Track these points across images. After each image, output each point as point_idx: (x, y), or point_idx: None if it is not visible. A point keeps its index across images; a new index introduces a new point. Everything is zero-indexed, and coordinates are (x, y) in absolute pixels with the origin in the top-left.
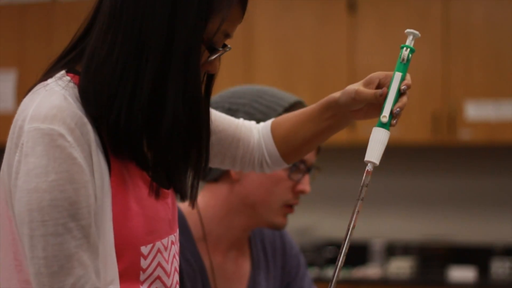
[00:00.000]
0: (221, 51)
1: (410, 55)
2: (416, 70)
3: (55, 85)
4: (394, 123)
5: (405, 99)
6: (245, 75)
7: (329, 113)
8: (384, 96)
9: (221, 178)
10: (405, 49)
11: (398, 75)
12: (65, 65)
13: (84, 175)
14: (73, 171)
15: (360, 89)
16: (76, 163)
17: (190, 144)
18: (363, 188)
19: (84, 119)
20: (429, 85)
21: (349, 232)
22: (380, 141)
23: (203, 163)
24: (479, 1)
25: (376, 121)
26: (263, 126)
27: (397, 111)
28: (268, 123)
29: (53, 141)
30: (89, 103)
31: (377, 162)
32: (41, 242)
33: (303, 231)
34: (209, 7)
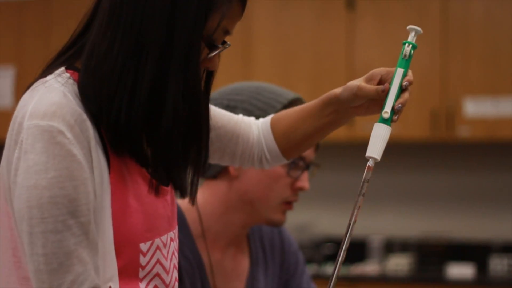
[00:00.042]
0: (221, 48)
1: (412, 51)
2: (414, 67)
3: (54, 81)
4: (395, 119)
5: (407, 95)
6: (244, 71)
7: (330, 109)
8: (386, 92)
9: (219, 175)
10: (407, 45)
11: (400, 71)
12: (64, 62)
13: (83, 172)
14: (73, 168)
15: (361, 84)
16: (75, 160)
17: (190, 140)
18: (364, 183)
19: (83, 116)
20: (428, 82)
21: (350, 227)
22: (381, 136)
23: (203, 160)
24: None
25: (376, 117)
26: (262, 122)
27: (399, 107)
28: (267, 119)
29: (53, 138)
30: (89, 100)
31: (379, 157)
32: (40, 239)
33: (301, 227)
34: (209, 3)
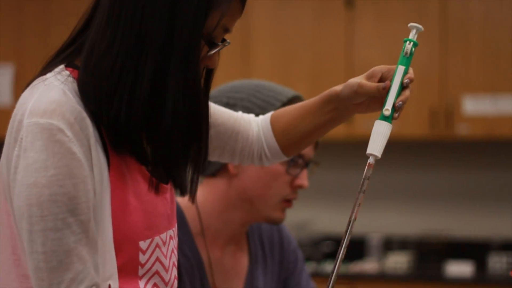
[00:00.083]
0: (221, 46)
1: (413, 49)
2: (413, 65)
3: (54, 79)
4: (396, 116)
5: (408, 92)
6: (243, 69)
7: (330, 106)
8: (386, 89)
9: (219, 172)
10: (408, 42)
11: (401, 69)
12: (64, 59)
13: (83, 170)
14: (72, 166)
15: (362, 82)
16: (75, 158)
17: (190, 138)
18: (365, 180)
19: (83, 114)
20: (427, 80)
21: (351, 224)
22: (382, 134)
23: (203, 158)
24: None
25: (376, 115)
26: (262, 119)
27: (400, 104)
28: (267, 116)
29: (52, 135)
30: (89, 98)
31: (379, 155)
32: (40, 237)
33: (300, 225)
34: (209, 1)
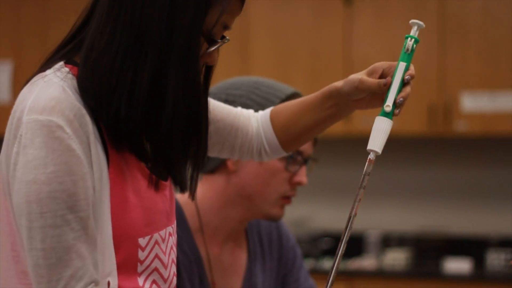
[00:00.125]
0: (220, 43)
1: (414, 45)
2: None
3: (53, 76)
4: (397, 112)
5: (409, 89)
6: (241, 67)
7: (330, 102)
8: (387, 85)
9: (217, 169)
10: (409, 39)
11: (402, 65)
12: (63, 56)
13: (82, 167)
14: (72, 163)
15: (363, 78)
16: (74, 155)
17: (189, 135)
18: (365, 176)
19: (82, 111)
20: (425, 77)
21: (351, 220)
22: (382, 130)
23: (202, 154)
24: None
25: (375, 112)
26: (262, 114)
27: (401, 100)
28: (267, 111)
29: (52, 132)
30: (88, 95)
31: (380, 151)
32: (39, 233)
33: (299, 222)
34: None
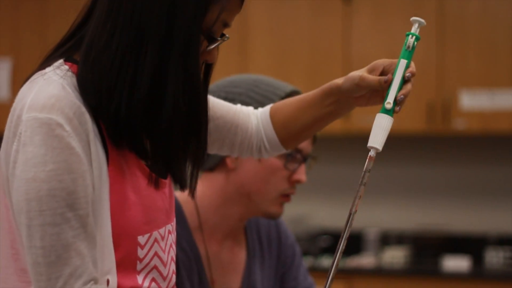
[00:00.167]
0: (220, 41)
1: (415, 43)
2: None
3: (53, 74)
4: (397, 110)
5: (410, 86)
6: (240, 64)
7: (330, 99)
8: (388, 82)
9: (217, 167)
10: (410, 36)
11: (403, 62)
12: (63, 54)
13: (82, 165)
14: (71, 161)
15: (364, 75)
16: (74, 153)
17: (189, 133)
18: (366, 173)
19: (82, 109)
20: (424, 75)
21: (351, 217)
22: (383, 127)
23: (202, 152)
24: None
25: (373, 110)
26: (261, 111)
27: (401, 98)
28: (267, 108)
29: (51, 130)
30: (88, 93)
31: (380, 148)
32: (38, 231)
33: (297, 220)
34: None
